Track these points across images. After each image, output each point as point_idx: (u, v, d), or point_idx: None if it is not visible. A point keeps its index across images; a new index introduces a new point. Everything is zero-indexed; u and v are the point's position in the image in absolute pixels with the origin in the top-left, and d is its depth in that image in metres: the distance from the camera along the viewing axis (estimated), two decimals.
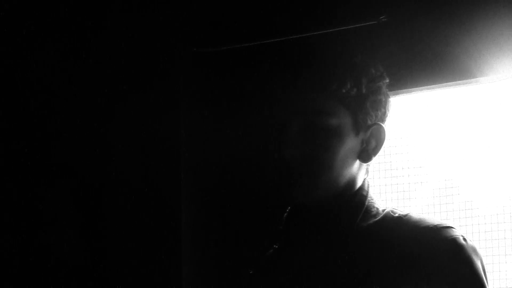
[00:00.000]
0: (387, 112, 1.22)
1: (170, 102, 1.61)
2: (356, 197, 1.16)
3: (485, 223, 1.45)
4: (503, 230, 1.46)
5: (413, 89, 1.48)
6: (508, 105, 1.46)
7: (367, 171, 1.22)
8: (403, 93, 1.47)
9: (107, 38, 1.69)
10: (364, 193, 1.18)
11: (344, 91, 1.14)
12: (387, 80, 1.21)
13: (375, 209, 1.17)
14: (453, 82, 1.49)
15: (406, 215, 1.15)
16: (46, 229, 1.65)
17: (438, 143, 1.53)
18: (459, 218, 1.47)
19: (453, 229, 1.10)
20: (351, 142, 1.16)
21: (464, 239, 1.09)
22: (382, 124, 1.19)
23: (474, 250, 1.08)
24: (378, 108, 1.19)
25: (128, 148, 1.63)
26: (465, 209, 1.48)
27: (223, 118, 1.65)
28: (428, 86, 1.48)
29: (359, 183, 1.19)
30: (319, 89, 1.15)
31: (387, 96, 1.22)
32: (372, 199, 1.19)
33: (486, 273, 1.08)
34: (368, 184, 1.21)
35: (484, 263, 1.09)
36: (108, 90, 1.68)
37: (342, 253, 1.11)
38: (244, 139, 1.63)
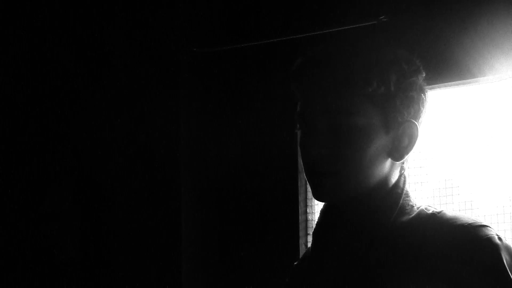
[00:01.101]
0: (421, 108, 1.18)
1: (170, 101, 1.61)
2: (390, 195, 1.14)
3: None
4: (503, 230, 1.46)
5: None
6: (508, 105, 1.46)
7: (403, 167, 1.20)
8: None
9: (108, 38, 1.69)
10: (399, 190, 1.15)
11: (370, 89, 1.11)
12: (423, 74, 1.18)
13: (410, 206, 1.14)
14: (453, 82, 1.49)
15: (439, 212, 1.13)
16: (46, 229, 1.65)
17: (438, 143, 1.53)
18: None
19: (488, 227, 1.08)
20: (381, 141, 1.13)
21: (499, 238, 1.07)
22: (415, 121, 1.16)
23: (509, 249, 1.07)
24: (410, 105, 1.15)
25: (128, 148, 1.63)
26: (465, 209, 1.48)
27: (223, 118, 1.66)
28: (428, 86, 1.48)
29: (393, 181, 1.17)
30: (344, 88, 1.13)
31: (421, 92, 1.18)
32: (407, 196, 1.16)
33: None
34: (405, 180, 1.18)
35: None
36: (108, 90, 1.68)
37: (375, 252, 1.10)
38: (244, 139, 1.63)
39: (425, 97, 1.16)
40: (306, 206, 1.63)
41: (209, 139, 1.65)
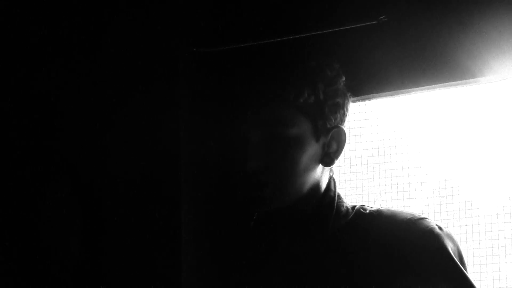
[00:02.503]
0: (346, 112, 1.23)
1: (170, 102, 1.61)
2: (324, 200, 1.16)
3: (485, 223, 1.45)
4: (503, 230, 1.46)
5: (413, 89, 1.48)
6: (508, 105, 1.46)
7: (331, 170, 1.22)
8: (403, 93, 1.47)
9: (107, 38, 1.69)
10: (332, 194, 1.18)
11: (302, 100, 1.14)
12: (343, 79, 1.21)
13: (345, 208, 1.17)
14: (453, 82, 1.49)
15: (376, 211, 1.16)
16: (46, 229, 1.65)
17: (438, 143, 1.53)
18: (459, 218, 1.47)
19: (427, 219, 1.11)
20: (313, 149, 1.16)
21: (440, 228, 1.10)
22: (342, 126, 1.20)
23: (451, 237, 1.10)
24: (337, 110, 1.20)
25: (128, 148, 1.63)
26: (465, 209, 1.48)
27: (223, 118, 1.65)
28: (428, 86, 1.48)
29: (324, 185, 1.19)
30: (276, 100, 1.15)
31: (345, 96, 1.22)
32: (340, 198, 1.19)
33: (464, 259, 1.09)
34: (335, 183, 1.21)
35: (461, 249, 1.10)
36: (108, 90, 1.68)
37: (318, 257, 1.11)
38: (243, 139, 1.63)
39: (348, 101, 1.19)
40: None
41: (209, 139, 1.65)
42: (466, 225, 1.47)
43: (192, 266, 1.57)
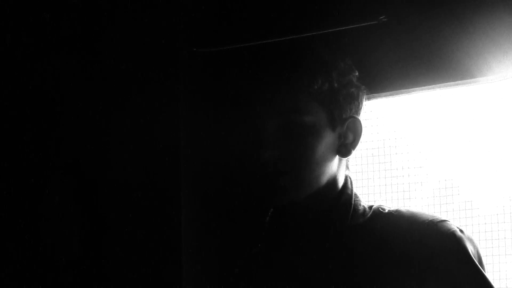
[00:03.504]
0: (361, 104, 1.22)
1: (170, 102, 1.61)
2: (342, 196, 1.16)
3: (485, 223, 1.45)
4: (503, 230, 1.46)
5: (413, 89, 1.48)
6: (508, 105, 1.46)
7: (347, 167, 1.22)
8: (403, 93, 1.47)
9: (107, 38, 1.69)
10: (349, 191, 1.17)
11: (316, 87, 1.14)
12: (356, 73, 1.21)
13: (362, 207, 1.16)
14: (453, 82, 1.49)
15: (396, 211, 1.15)
16: (46, 229, 1.65)
17: (438, 143, 1.53)
18: (459, 218, 1.47)
19: (448, 222, 1.10)
20: (329, 138, 1.16)
21: (461, 231, 1.09)
22: (358, 117, 1.19)
23: (471, 241, 1.09)
24: (352, 101, 1.19)
25: (128, 148, 1.63)
26: (465, 209, 1.48)
27: (223, 118, 1.65)
28: (428, 86, 1.48)
29: (341, 181, 1.18)
30: (290, 87, 1.15)
31: (359, 89, 1.22)
32: (357, 197, 1.18)
33: (483, 263, 1.08)
34: (351, 181, 1.20)
35: (481, 254, 1.10)
36: (108, 89, 1.68)
37: (335, 255, 1.10)
38: (244, 139, 1.63)
39: (362, 94, 1.19)
40: None
41: (209, 139, 1.65)
42: (466, 225, 1.47)
43: (192, 266, 1.57)
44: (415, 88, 1.48)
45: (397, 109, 1.50)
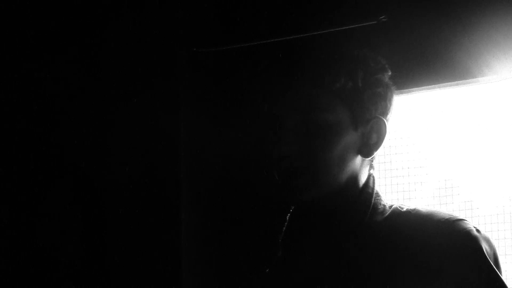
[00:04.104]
0: (388, 105, 1.19)
1: (170, 102, 1.61)
2: (362, 195, 1.15)
3: (485, 223, 1.45)
4: (503, 230, 1.46)
5: (413, 89, 1.48)
6: (508, 105, 1.46)
7: (372, 167, 1.20)
8: (403, 93, 1.47)
9: (108, 38, 1.69)
10: (370, 190, 1.16)
11: (338, 85, 1.12)
12: (389, 73, 1.19)
13: (382, 205, 1.15)
14: (453, 82, 1.49)
15: (413, 210, 1.14)
16: (46, 229, 1.65)
17: (438, 143, 1.53)
18: None
19: (465, 221, 1.09)
20: (350, 137, 1.14)
21: (478, 231, 1.08)
22: (383, 118, 1.17)
23: (488, 241, 1.08)
24: (377, 101, 1.17)
25: (128, 148, 1.63)
26: (465, 209, 1.48)
27: (223, 118, 1.65)
28: (428, 86, 1.48)
29: (363, 179, 1.17)
30: (313, 84, 1.13)
31: (388, 89, 1.19)
32: (378, 196, 1.17)
33: (499, 264, 1.08)
34: (374, 180, 1.19)
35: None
36: (108, 90, 1.68)
37: (352, 252, 1.10)
38: (243, 139, 1.63)
39: (392, 94, 1.17)
40: None
41: (209, 139, 1.65)
42: None
43: (192, 266, 1.57)
44: (415, 88, 1.48)
45: (397, 109, 1.50)
